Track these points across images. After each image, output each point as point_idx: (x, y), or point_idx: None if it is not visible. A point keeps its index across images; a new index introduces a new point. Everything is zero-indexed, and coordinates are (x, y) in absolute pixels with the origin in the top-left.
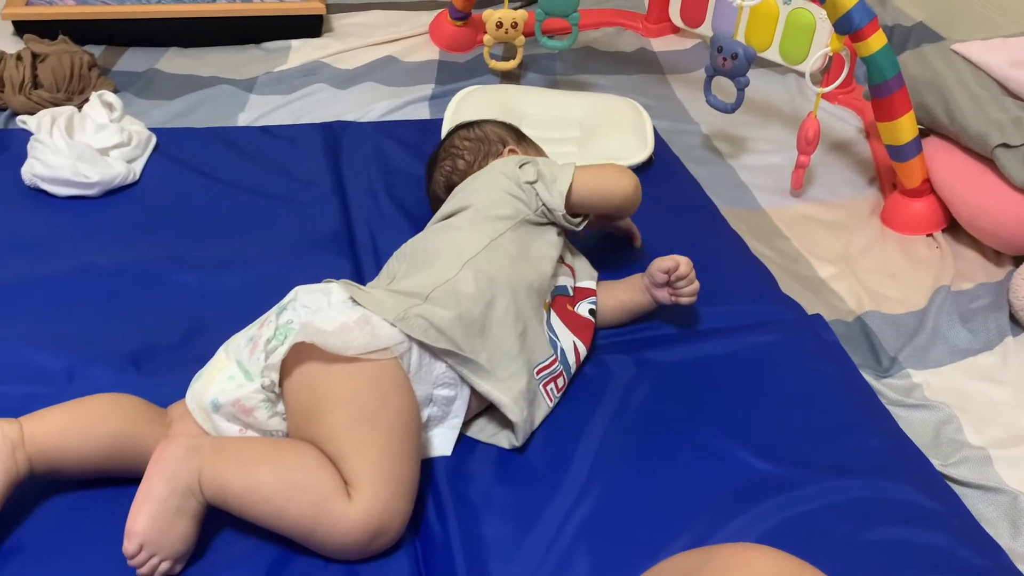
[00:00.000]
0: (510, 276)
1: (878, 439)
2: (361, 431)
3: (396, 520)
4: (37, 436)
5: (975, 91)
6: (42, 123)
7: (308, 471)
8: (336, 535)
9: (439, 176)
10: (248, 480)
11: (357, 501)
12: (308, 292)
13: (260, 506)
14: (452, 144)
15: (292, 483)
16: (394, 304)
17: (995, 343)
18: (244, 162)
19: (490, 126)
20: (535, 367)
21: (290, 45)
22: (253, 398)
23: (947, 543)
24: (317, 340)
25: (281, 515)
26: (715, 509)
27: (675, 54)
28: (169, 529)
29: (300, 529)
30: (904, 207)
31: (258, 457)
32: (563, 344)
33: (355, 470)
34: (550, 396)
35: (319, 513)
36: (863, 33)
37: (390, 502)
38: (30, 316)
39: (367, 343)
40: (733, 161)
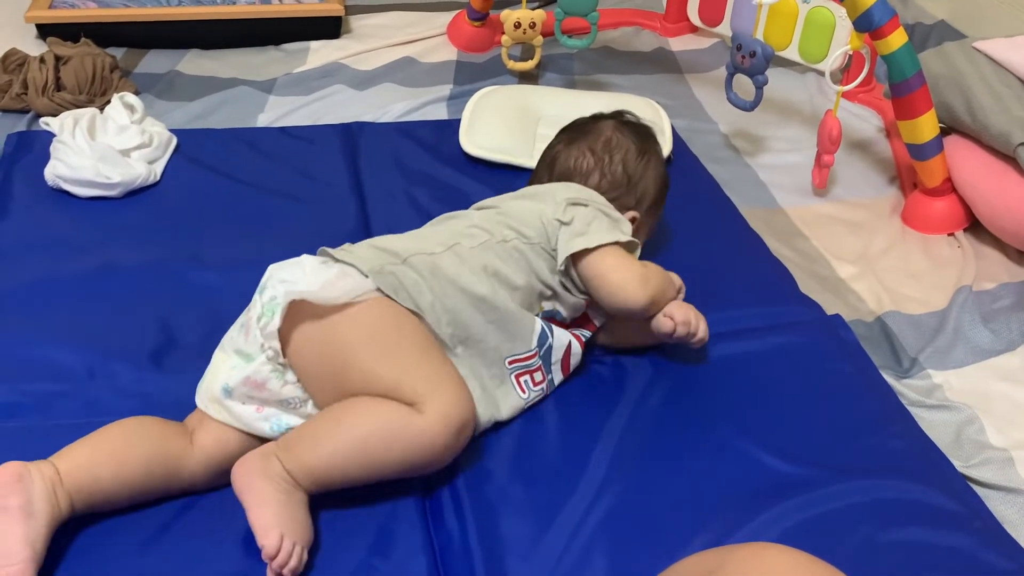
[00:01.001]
0: (496, 272)
1: (899, 440)
2: (395, 358)
3: (469, 412)
4: (72, 472)
5: (997, 89)
6: (64, 125)
7: (373, 415)
8: (429, 449)
9: (570, 161)
10: (331, 454)
11: (430, 412)
12: (281, 267)
13: (355, 468)
14: (611, 154)
15: (368, 433)
16: (371, 257)
17: (1017, 343)
18: (263, 163)
19: (654, 172)
20: (507, 357)
21: (309, 46)
22: (261, 371)
23: (969, 545)
24: (305, 296)
25: (376, 464)
26: (734, 509)
27: (693, 53)
28: (296, 516)
29: (398, 464)
30: (925, 206)
31: (324, 430)
32: (555, 342)
33: (411, 390)
34: (523, 387)
35: (406, 442)
36: (883, 31)
37: (457, 398)
38: (51, 314)
39: (352, 289)
40: (752, 160)
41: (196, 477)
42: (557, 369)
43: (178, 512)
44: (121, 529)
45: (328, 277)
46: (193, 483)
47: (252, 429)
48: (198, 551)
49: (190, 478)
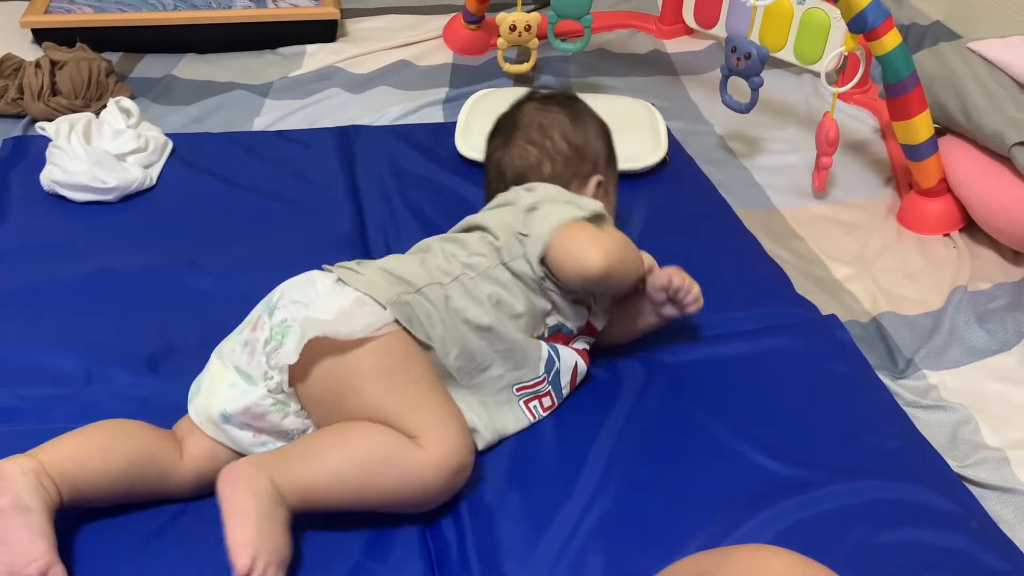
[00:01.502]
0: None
1: (894, 440)
2: (404, 392)
3: (469, 454)
4: (55, 461)
5: (992, 89)
6: (60, 129)
7: (373, 438)
8: (422, 485)
9: (505, 156)
10: (324, 471)
11: (429, 447)
12: (294, 286)
13: (346, 490)
14: (547, 135)
15: (366, 456)
16: (386, 286)
17: (1013, 343)
18: (260, 166)
19: (593, 130)
20: (514, 385)
21: (305, 50)
22: (262, 404)
23: (965, 545)
24: (323, 332)
25: (367, 489)
26: (729, 510)
27: (689, 55)
28: (272, 535)
29: (388, 494)
30: (920, 207)
31: (323, 448)
32: (562, 365)
33: (414, 424)
34: (532, 413)
35: (401, 471)
36: (877, 32)
37: (458, 439)
38: (48, 319)
39: (371, 323)
40: (748, 162)
41: (184, 485)
42: (567, 390)
43: (173, 517)
44: (116, 532)
45: (344, 306)
46: (180, 490)
47: (247, 451)
48: (192, 556)
49: (177, 485)
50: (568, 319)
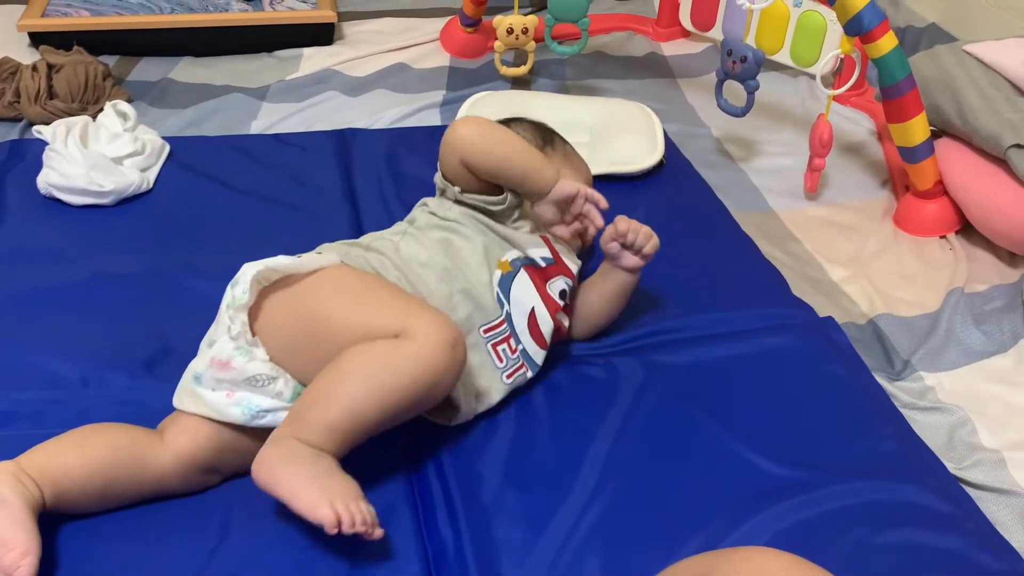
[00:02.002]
0: (448, 244)
1: (891, 442)
2: (367, 300)
3: (454, 329)
4: (33, 459)
5: (988, 91)
6: (57, 133)
7: (370, 354)
8: (430, 369)
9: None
10: (338, 404)
11: (418, 335)
12: (253, 265)
13: (367, 409)
14: None
15: (368, 370)
16: (338, 247)
17: (1009, 345)
18: (256, 170)
19: (518, 126)
20: (481, 326)
21: (302, 53)
22: (225, 348)
23: (962, 546)
24: (271, 266)
25: (384, 399)
26: (727, 512)
27: (685, 58)
28: (332, 481)
29: (410, 393)
30: (917, 209)
31: (326, 388)
32: (512, 308)
33: (390, 323)
34: (500, 356)
35: (405, 367)
36: (873, 35)
37: (437, 318)
38: (45, 323)
39: (316, 260)
40: (744, 164)
41: (166, 471)
42: (527, 338)
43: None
44: (104, 534)
45: (294, 257)
46: (164, 478)
47: (224, 415)
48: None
49: (159, 470)
50: (527, 246)
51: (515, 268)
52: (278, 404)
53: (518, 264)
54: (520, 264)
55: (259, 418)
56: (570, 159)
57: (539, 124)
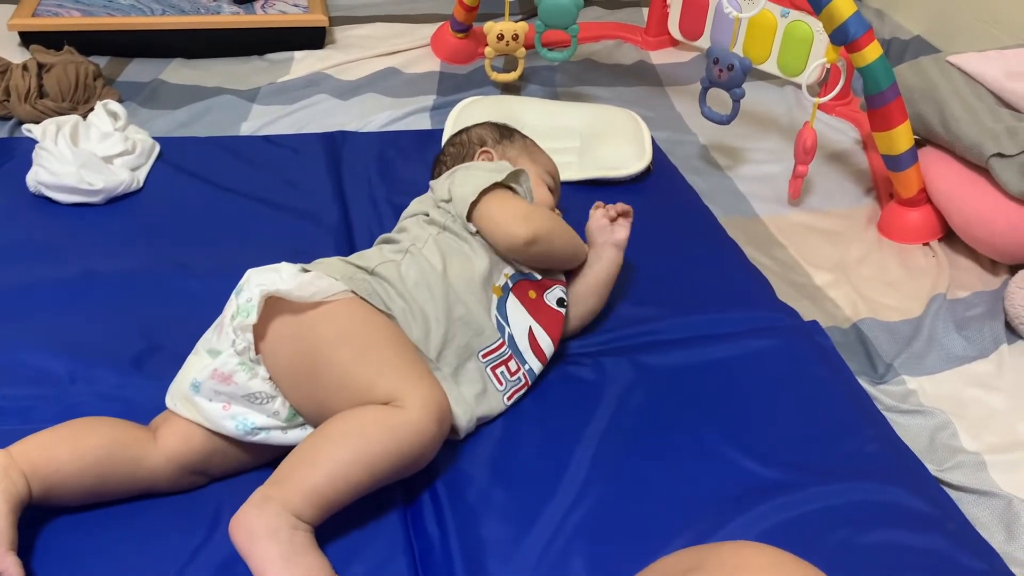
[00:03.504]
0: (447, 268)
1: (874, 444)
2: (368, 357)
3: (445, 404)
4: (25, 453)
5: (970, 102)
6: (47, 131)
7: (359, 419)
8: (419, 440)
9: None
10: (325, 468)
11: (410, 406)
12: (259, 272)
13: (352, 475)
14: (442, 151)
15: (358, 437)
16: (343, 268)
17: (990, 351)
18: (246, 171)
19: (476, 129)
20: (479, 351)
21: (293, 56)
22: (229, 363)
23: (943, 546)
24: (281, 293)
25: (372, 466)
26: (711, 512)
27: (674, 67)
28: (305, 562)
29: (391, 462)
30: (901, 216)
31: (317, 447)
32: (513, 330)
33: (389, 388)
34: (499, 379)
35: (394, 437)
36: (859, 44)
37: (432, 390)
38: (34, 321)
39: (325, 288)
40: (731, 171)
41: (158, 471)
42: (531, 357)
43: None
44: (90, 528)
45: (303, 280)
46: (155, 478)
47: (218, 427)
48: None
49: (151, 471)
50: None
51: (505, 292)
52: (273, 423)
53: (508, 287)
54: (511, 284)
55: (253, 435)
56: (529, 151)
57: (497, 123)
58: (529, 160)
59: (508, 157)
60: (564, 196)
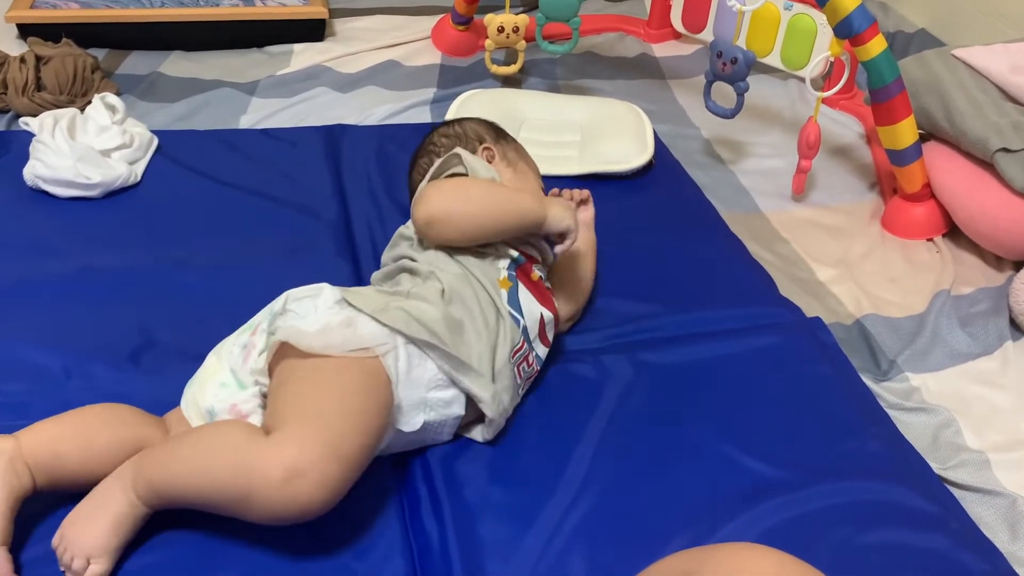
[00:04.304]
0: (467, 269)
1: (877, 442)
2: (308, 393)
3: (316, 466)
4: (34, 447)
5: (975, 96)
6: (44, 124)
7: (224, 427)
8: (256, 475)
9: (416, 175)
10: (172, 473)
11: (275, 436)
12: (298, 299)
13: (191, 478)
14: (431, 141)
15: (211, 442)
16: (377, 299)
17: (995, 347)
18: (245, 164)
19: (470, 123)
20: (511, 351)
21: (292, 49)
22: (250, 403)
23: (945, 546)
24: (296, 340)
25: (210, 478)
26: (712, 511)
27: (676, 59)
28: (92, 527)
29: (225, 484)
30: (904, 212)
31: (172, 448)
32: (526, 320)
33: (286, 418)
34: (520, 373)
35: (238, 457)
36: (863, 37)
37: (311, 442)
38: (30, 316)
39: (346, 341)
40: (733, 166)
41: None
42: (539, 344)
43: None
44: None
45: (330, 322)
46: None
47: None
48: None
49: None
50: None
51: (512, 281)
52: None
53: (512, 276)
54: (514, 273)
55: None
56: (523, 154)
57: (489, 122)
58: (526, 164)
59: (508, 158)
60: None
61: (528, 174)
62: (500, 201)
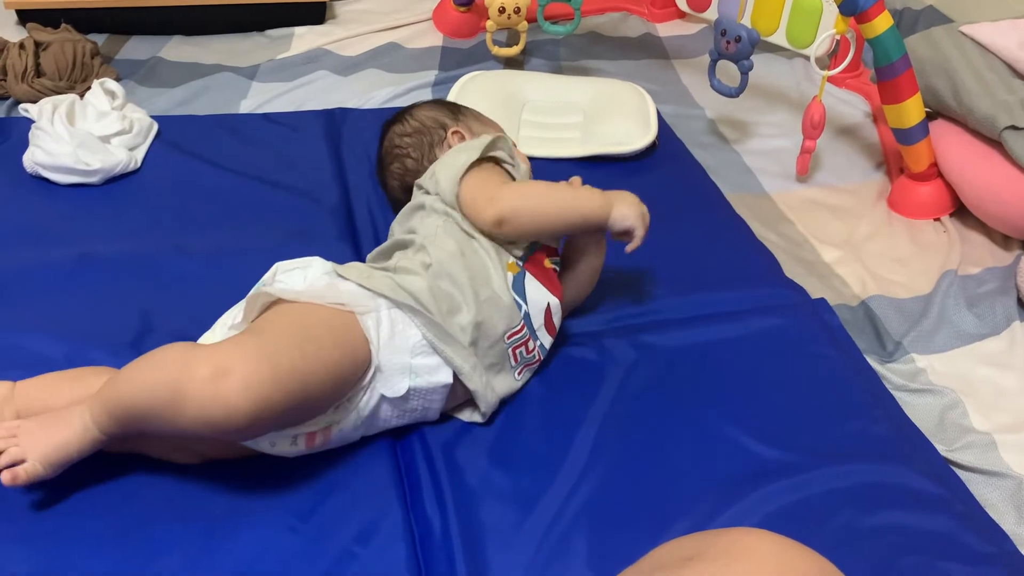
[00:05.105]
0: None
1: (882, 424)
2: (269, 321)
3: (245, 365)
4: (28, 391)
5: (983, 73)
6: (44, 111)
7: (169, 344)
8: (186, 373)
9: (393, 181)
10: (120, 394)
11: (210, 344)
12: (287, 270)
13: (130, 387)
14: (394, 145)
15: (153, 355)
16: (365, 269)
17: (1002, 328)
18: (246, 149)
19: (422, 112)
20: (506, 332)
21: (293, 32)
22: None
23: (951, 528)
24: (277, 293)
25: (146, 384)
26: (716, 494)
27: (681, 39)
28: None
29: (162, 389)
30: (911, 191)
31: (127, 372)
32: (530, 308)
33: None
34: (516, 358)
35: (175, 361)
36: (868, 14)
37: (245, 347)
38: (30, 303)
39: (323, 294)
40: (738, 146)
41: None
42: (543, 333)
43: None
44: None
45: (317, 286)
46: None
47: None
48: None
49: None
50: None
51: (520, 267)
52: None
53: (521, 263)
54: (525, 259)
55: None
56: (484, 121)
57: (439, 100)
58: (480, 124)
59: (475, 131)
60: (565, 174)
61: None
62: (569, 202)
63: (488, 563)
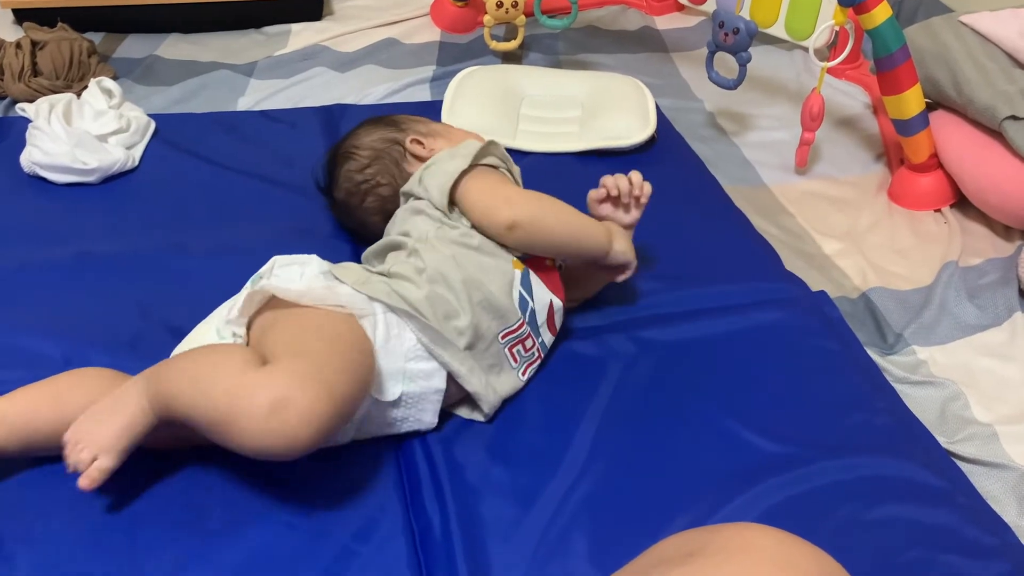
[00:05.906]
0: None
1: (883, 417)
2: (298, 336)
3: (306, 398)
4: (7, 410)
5: (983, 63)
6: (40, 110)
7: (228, 350)
8: (243, 399)
9: (373, 217)
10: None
11: (268, 366)
12: (284, 264)
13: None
14: (356, 184)
15: (213, 361)
16: (360, 272)
17: (1003, 319)
18: (244, 147)
19: (364, 140)
20: (500, 332)
21: (290, 29)
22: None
23: (953, 521)
24: (277, 292)
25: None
26: (717, 488)
27: (679, 32)
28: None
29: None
30: (911, 182)
31: (188, 355)
32: (536, 305)
33: (277, 354)
34: (515, 358)
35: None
36: (867, 5)
37: (299, 376)
38: (28, 302)
39: (324, 298)
40: (737, 139)
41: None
42: (545, 331)
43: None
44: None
45: (314, 286)
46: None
47: None
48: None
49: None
50: None
51: (525, 265)
52: None
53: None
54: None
55: None
56: (420, 120)
57: (371, 120)
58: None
59: (433, 132)
60: (564, 168)
61: (451, 129)
62: (579, 226)
63: (488, 559)
